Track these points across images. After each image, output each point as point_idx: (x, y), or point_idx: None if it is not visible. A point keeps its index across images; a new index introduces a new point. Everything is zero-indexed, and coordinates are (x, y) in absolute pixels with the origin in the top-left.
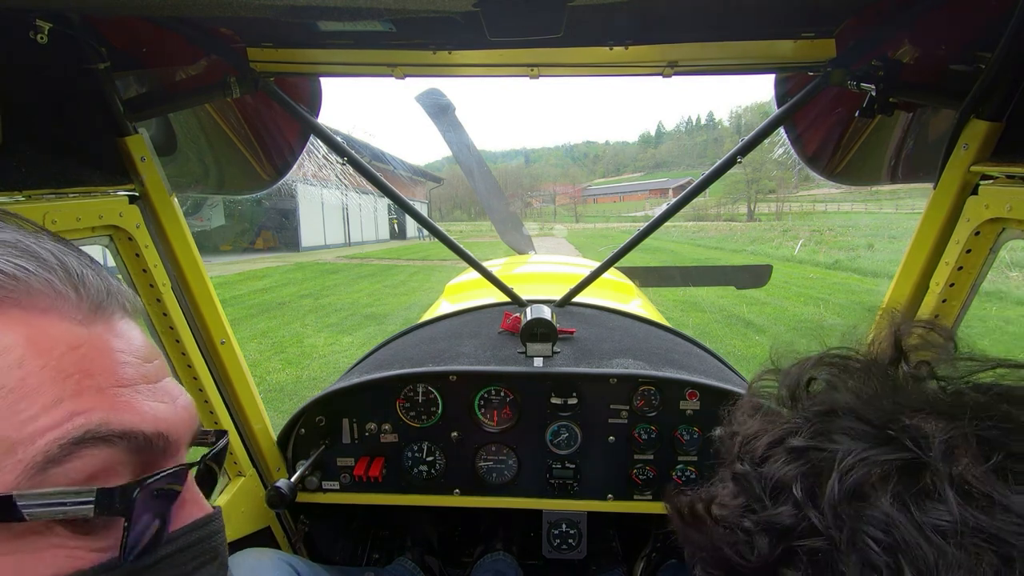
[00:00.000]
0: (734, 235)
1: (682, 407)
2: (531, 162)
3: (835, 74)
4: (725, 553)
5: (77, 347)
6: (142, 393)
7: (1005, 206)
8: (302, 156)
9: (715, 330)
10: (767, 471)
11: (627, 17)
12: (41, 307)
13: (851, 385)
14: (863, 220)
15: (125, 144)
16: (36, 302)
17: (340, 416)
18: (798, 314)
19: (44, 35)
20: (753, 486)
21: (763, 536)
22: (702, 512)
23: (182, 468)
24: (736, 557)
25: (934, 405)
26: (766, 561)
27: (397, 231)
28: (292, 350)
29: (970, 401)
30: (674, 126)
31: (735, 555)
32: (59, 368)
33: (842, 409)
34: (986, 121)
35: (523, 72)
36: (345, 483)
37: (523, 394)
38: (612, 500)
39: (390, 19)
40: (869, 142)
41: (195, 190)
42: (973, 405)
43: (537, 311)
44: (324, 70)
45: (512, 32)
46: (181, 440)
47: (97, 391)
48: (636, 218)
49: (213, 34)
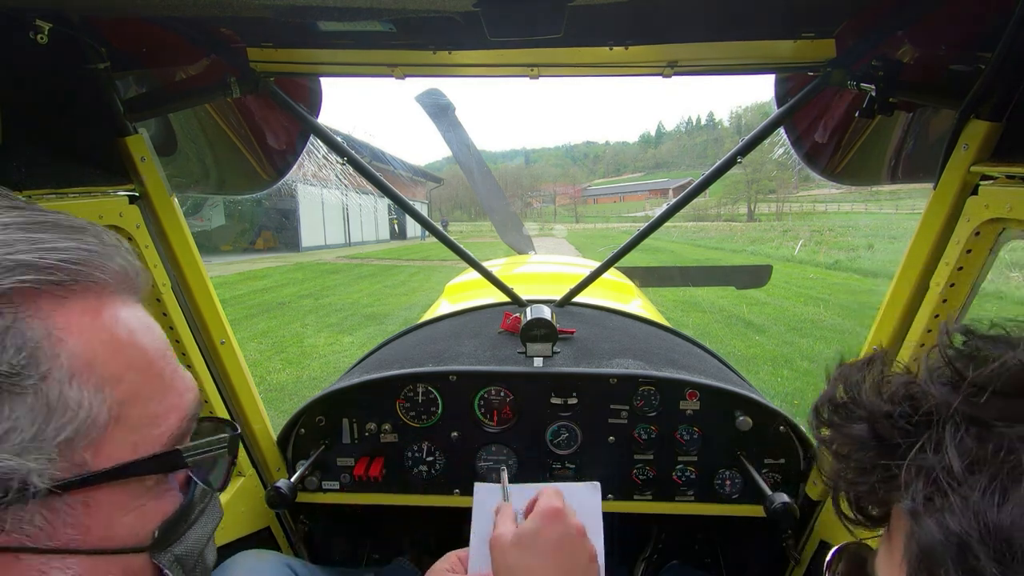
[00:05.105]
0: (734, 235)
1: (682, 407)
2: (531, 162)
3: (835, 74)
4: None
5: (154, 328)
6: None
7: (1005, 206)
8: (302, 156)
9: (715, 330)
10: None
11: (627, 17)
12: (135, 292)
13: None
14: (863, 220)
15: (125, 144)
16: (136, 286)
17: (340, 416)
18: (798, 314)
19: (44, 35)
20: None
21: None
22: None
23: (230, 423)
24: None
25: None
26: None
27: (397, 231)
28: (292, 350)
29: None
30: (674, 126)
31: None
32: (162, 350)
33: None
34: (986, 121)
35: (523, 72)
36: (345, 483)
37: (523, 394)
38: (612, 500)
39: (390, 19)
40: (869, 142)
41: (195, 190)
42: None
43: (537, 311)
44: (324, 70)
45: (512, 32)
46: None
47: (176, 371)
48: (636, 218)
49: (213, 34)
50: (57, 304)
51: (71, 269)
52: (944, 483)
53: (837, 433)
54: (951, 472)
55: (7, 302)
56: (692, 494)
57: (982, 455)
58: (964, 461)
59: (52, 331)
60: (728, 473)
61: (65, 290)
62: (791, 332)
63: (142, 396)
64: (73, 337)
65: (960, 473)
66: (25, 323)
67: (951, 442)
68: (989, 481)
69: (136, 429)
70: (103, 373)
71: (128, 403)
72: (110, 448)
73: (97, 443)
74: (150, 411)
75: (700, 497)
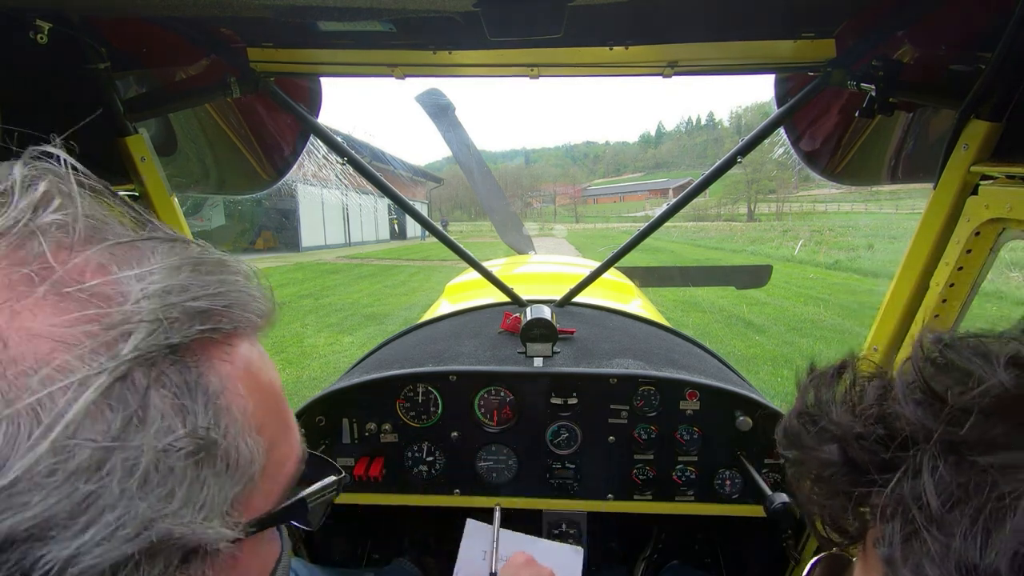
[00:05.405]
0: (734, 235)
1: (682, 407)
2: (531, 162)
3: (835, 74)
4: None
5: (272, 362)
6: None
7: (1005, 206)
8: (302, 156)
9: (715, 330)
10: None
11: (627, 17)
12: (261, 328)
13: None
14: (863, 220)
15: (125, 144)
16: (263, 323)
17: (340, 416)
18: (798, 314)
19: (44, 35)
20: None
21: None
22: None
23: (333, 465)
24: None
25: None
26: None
27: (397, 231)
28: (292, 350)
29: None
30: (674, 126)
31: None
32: (281, 386)
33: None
34: (986, 121)
35: (523, 72)
36: (345, 483)
37: (523, 394)
38: (612, 500)
39: (390, 19)
40: (869, 142)
41: (195, 190)
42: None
43: (537, 311)
44: (324, 70)
45: (512, 32)
46: None
47: (289, 409)
48: (636, 218)
49: (213, 34)
50: (224, 352)
51: (234, 315)
52: (920, 523)
53: (806, 455)
54: (928, 510)
55: (191, 355)
56: (692, 494)
57: (962, 491)
58: (942, 498)
59: (225, 383)
60: (728, 473)
61: (229, 337)
62: (791, 332)
63: (276, 441)
64: (236, 386)
65: (938, 512)
66: (206, 378)
67: (928, 475)
68: (971, 523)
69: (270, 476)
70: (255, 422)
71: (269, 450)
72: (256, 499)
73: (250, 495)
74: (279, 455)
75: (700, 497)
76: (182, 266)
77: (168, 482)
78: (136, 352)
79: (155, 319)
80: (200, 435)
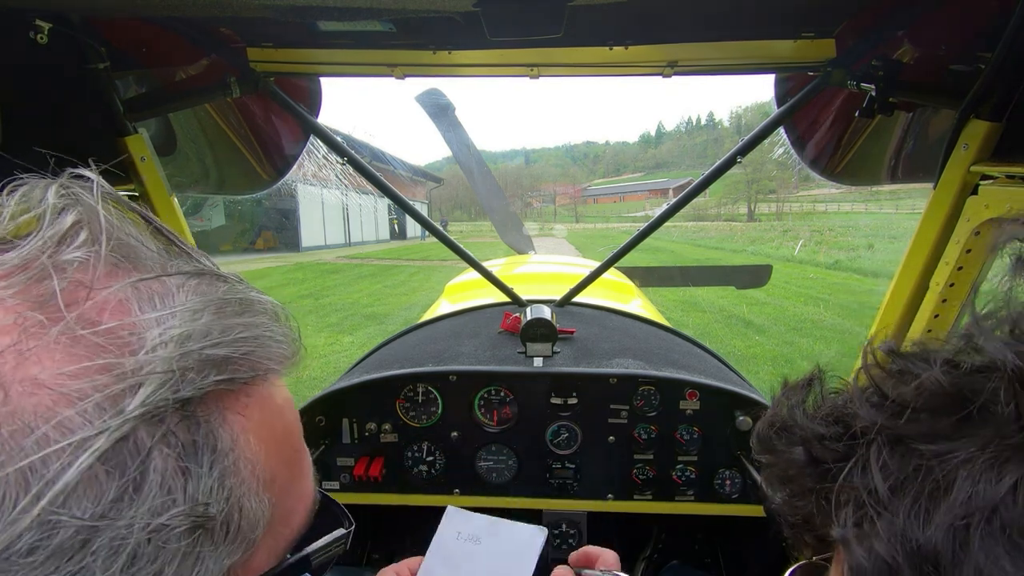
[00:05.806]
0: (734, 235)
1: (682, 407)
2: (531, 162)
3: (835, 74)
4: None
5: (291, 402)
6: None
7: (1005, 206)
8: (302, 156)
9: (715, 330)
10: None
11: (627, 17)
12: (283, 373)
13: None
14: (863, 220)
15: (125, 144)
16: (285, 368)
17: (340, 416)
18: (798, 314)
19: (44, 35)
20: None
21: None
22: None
23: (346, 514)
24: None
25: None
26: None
27: (397, 231)
28: None
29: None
30: (674, 126)
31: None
32: (299, 427)
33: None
34: (986, 121)
35: (523, 72)
36: (345, 483)
37: (523, 394)
38: (612, 500)
39: (390, 19)
40: (869, 142)
41: (195, 190)
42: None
43: (537, 311)
44: (324, 70)
45: (512, 32)
46: None
47: (305, 449)
48: (636, 218)
49: (213, 34)
50: (239, 404)
51: (254, 362)
52: (870, 507)
53: (778, 458)
54: (876, 495)
55: (203, 407)
56: (692, 494)
57: (904, 476)
58: (887, 483)
59: (237, 438)
60: (728, 473)
61: (246, 386)
62: (791, 332)
63: (286, 491)
64: (248, 440)
65: (884, 496)
66: (216, 433)
67: (875, 463)
68: (912, 502)
69: (274, 530)
70: (265, 475)
71: (277, 503)
72: (257, 558)
73: (250, 558)
74: (287, 507)
75: (700, 497)
76: (206, 308)
77: (158, 560)
78: (143, 408)
79: (169, 370)
80: (198, 511)
